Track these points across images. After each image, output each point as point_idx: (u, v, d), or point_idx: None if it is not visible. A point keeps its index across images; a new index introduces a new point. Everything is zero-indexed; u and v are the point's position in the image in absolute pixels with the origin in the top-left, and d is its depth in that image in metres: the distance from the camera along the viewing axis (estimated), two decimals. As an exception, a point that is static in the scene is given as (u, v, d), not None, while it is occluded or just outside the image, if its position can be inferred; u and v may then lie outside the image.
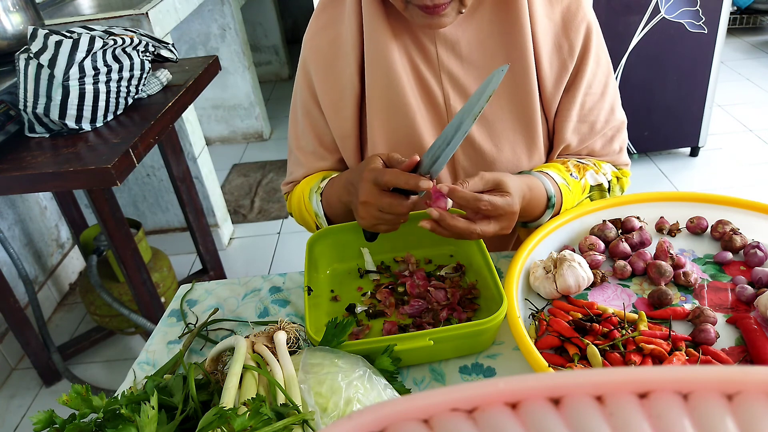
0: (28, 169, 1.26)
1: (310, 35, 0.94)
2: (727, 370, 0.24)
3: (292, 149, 1.03)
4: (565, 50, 0.88)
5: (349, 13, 0.89)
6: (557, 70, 0.89)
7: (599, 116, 0.93)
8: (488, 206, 0.74)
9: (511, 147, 0.92)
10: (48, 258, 2.36)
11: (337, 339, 0.69)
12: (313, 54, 0.93)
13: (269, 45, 4.17)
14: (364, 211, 0.78)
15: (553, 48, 0.88)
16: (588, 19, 0.88)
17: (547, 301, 0.79)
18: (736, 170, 2.70)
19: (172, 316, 0.91)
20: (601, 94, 0.92)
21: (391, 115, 0.90)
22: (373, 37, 0.86)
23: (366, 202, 0.76)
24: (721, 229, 0.85)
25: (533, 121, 0.90)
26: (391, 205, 0.75)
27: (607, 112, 0.94)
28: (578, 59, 0.89)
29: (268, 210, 2.82)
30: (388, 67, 0.86)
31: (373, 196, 0.75)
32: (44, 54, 1.27)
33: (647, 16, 2.38)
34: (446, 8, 0.76)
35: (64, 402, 0.58)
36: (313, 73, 0.94)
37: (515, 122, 0.90)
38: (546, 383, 0.24)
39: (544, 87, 0.90)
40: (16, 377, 2.06)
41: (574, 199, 0.91)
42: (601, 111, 0.93)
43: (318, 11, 0.95)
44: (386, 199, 0.75)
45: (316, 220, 0.97)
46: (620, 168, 1.00)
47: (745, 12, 4.08)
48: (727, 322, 0.72)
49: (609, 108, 0.94)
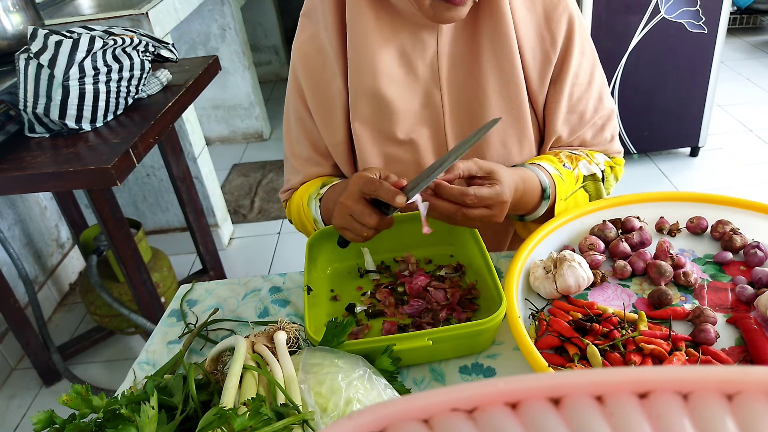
0: (28, 169, 1.26)
1: (298, 44, 0.94)
2: (727, 370, 0.24)
3: (288, 157, 1.04)
4: (547, 42, 0.88)
5: (328, 20, 0.88)
6: (540, 62, 0.89)
7: (588, 105, 0.93)
8: (474, 200, 0.75)
9: (502, 141, 0.92)
10: (48, 258, 2.36)
11: (336, 339, 0.69)
12: (302, 63, 0.94)
13: (269, 45, 4.17)
14: (338, 211, 0.79)
15: (536, 41, 0.88)
16: (570, 10, 0.88)
17: (547, 301, 0.79)
18: (736, 170, 2.70)
19: (172, 316, 0.91)
20: (588, 84, 0.92)
21: (379, 121, 0.90)
22: (360, 43, 0.85)
23: (343, 204, 0.78)
24: (721, 229, 0.85)
25: (522, 114, 0.91)
26: (361, 212, 0.76)
27: (596, 101, 0.94)
28: (562, 51, 0.89)
29: (268, 210, 2.82)
30: (375, 73, 0.86)
31: (351, 199, 0.77)
32: (44, 54, 1.27)
33: (647, 16, 2.38)
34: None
35: (64, 402, 0.58)
36: (302, 81, 0.94)
37: (505, 116, 0.90)
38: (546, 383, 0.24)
39: (529, 80, 0.90)
40: (16, 377, 2.06)
41: (568, 189, 0.91)
42: (589, 100, 0.93)
43: (303, 18, 0.94)
44: (359, 206, 0.76)
45: (315, 226, 0.98)
46: (613, 157, 1.00)
47: (745, 12, 4.08)
48: (727, 322, 0.72)
49: (597, 96, 0.94)
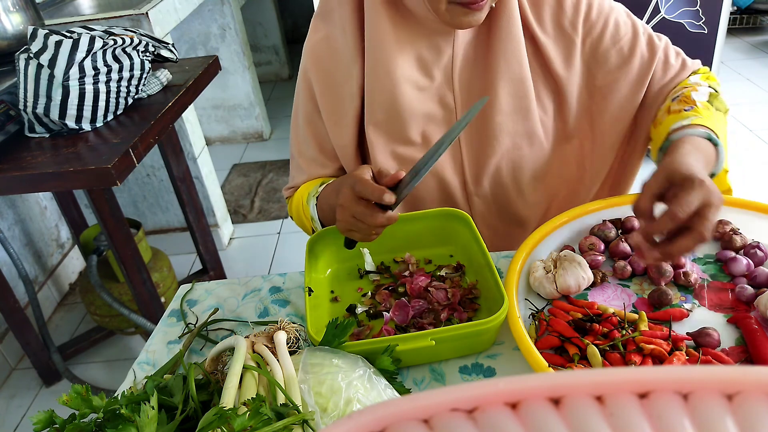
0: (28, 169, 1.26)
1: (311, 44, 0.94)
2: (727, 370, 0.24)
3: (294, 155, 1.04)
4: (567, 26, 0.89)
5: (346, 24, 0.88)
6: (564, 48, 0.89)
7: (650, 52, 0.91)
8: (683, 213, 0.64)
9: (512, 140, 0.93)
10: (48, 258, 2.36)
11: (337, 339, 0.69)
12: (314, 63, 0.94)
13: (269, 45, 4.17)
14: (340, 215, 0.79)
15: (555, 29, 0.89)
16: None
17: (547, 301, 0.79)
18: (736, 170, 2.70)
19: (172, 316, 0.91)
20: (633, 35, 0.91)
21: (394, 124, 0.91)
22: (378, 49, 0.86)
23: (342, 206, 0.77)
24: (721, 229, 0.85)
25: (531, 113, 0.91)
26: (363, 214, 0.75)
27: (651, 44, 0.92)
28: (585, 30, 0.89)
29: (268, 210, 2.82)
30: (392, 79, 0.86)
31: (349, 201, 0.76)
32: (44, 54, 1.27)
33: (647, 16, 2.38)
34: (486, 2, 0.77)
35: (64, 402, 0.58)
36: (313, 82, 0.94)
37: (513, 116, 0.91)
38: (546, 383, 0.24)
39: (554, 71, 0.90)
40: (16, 377, 2.06)
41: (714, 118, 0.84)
42: (646, 46, 0.91)
43: (316, 20, 0.94)
44: (360, 207, 0.75)
45: (313, 225, 0.98)
46: (696, 72, 0.95)
47: (745, 12, 4.07)
48: (728, 322, 0.72)
49: (647, 39, 0.92)
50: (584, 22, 0.89)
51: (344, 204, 0.77)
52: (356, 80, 0.90)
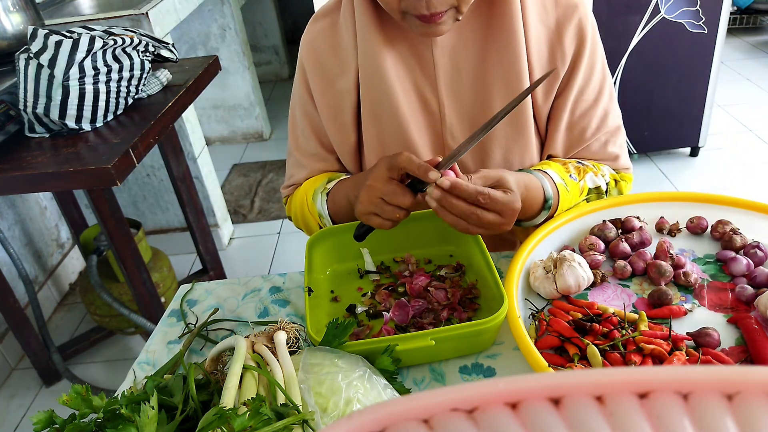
0: (28, 169, 1.26)
1: (308, 38, 0.94)
2: (727, 370, 0.24)
3: (292, 151, 1.03)
4: (558, 57, 0.88)
5: (346, 22, 0.89)
6: (548, 80, 0.88)
7: (590, 123, 0.92)
8: (487, 199, 0.73)
9: (504, 154, 0.92)
10: (48, 258, 2.36)
11: (338, 339, 0.69)
12: (310, 57, 0.93)
13: (269, 45, 4.17)
14: (366, 196, 0.78)
15: (548, 54, 0.88)
16: (583, 25, 0.87)
17: (547, 301, 0.79)
18: (736, 170, 2.70)
19: (172, 316, 0.91)
20: (594, 101, 0.91)
21: (384, 122, 0.91)
22: (366, 47, 0.86)
23: (372, 186, 0.77)
24: (721, 229, 0.85)
25: (527, 128, 0.90)
26: (395, 192, 0.75)
27: (599, 119, 0.93)
28: (570, 66, 0.88)
29: (268, 210, 2.82)
30: (381, 76, 0.87)
31: (380, 180, 0.76)
32: (44, 54, 1.27)
33: (647, 16, 2.38)
34: (443, 16, 0.76)
35: (64, 402, 0.58)
36: (310, 76, 0.94)
37: (508, 129, 0.90)
38: (546, 383, 0.24)
39: (534, 93, 0.89)
40: (16, 377, 2.06)
41: (572, 201, 0.90)
42: (592, 118, 0.92)
43: (318, 15, 0.95)
44: (390, 186, 0.75)
45: (320, 221, 0.97)
46: (619, 172, 0.98)
47: (745, 12, 4.08)
48: (728, 322, 0.72)
49: (602, 114, 0.93)
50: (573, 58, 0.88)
51: (374, 184, 0.77)
52: (353, 76, 0.90)
